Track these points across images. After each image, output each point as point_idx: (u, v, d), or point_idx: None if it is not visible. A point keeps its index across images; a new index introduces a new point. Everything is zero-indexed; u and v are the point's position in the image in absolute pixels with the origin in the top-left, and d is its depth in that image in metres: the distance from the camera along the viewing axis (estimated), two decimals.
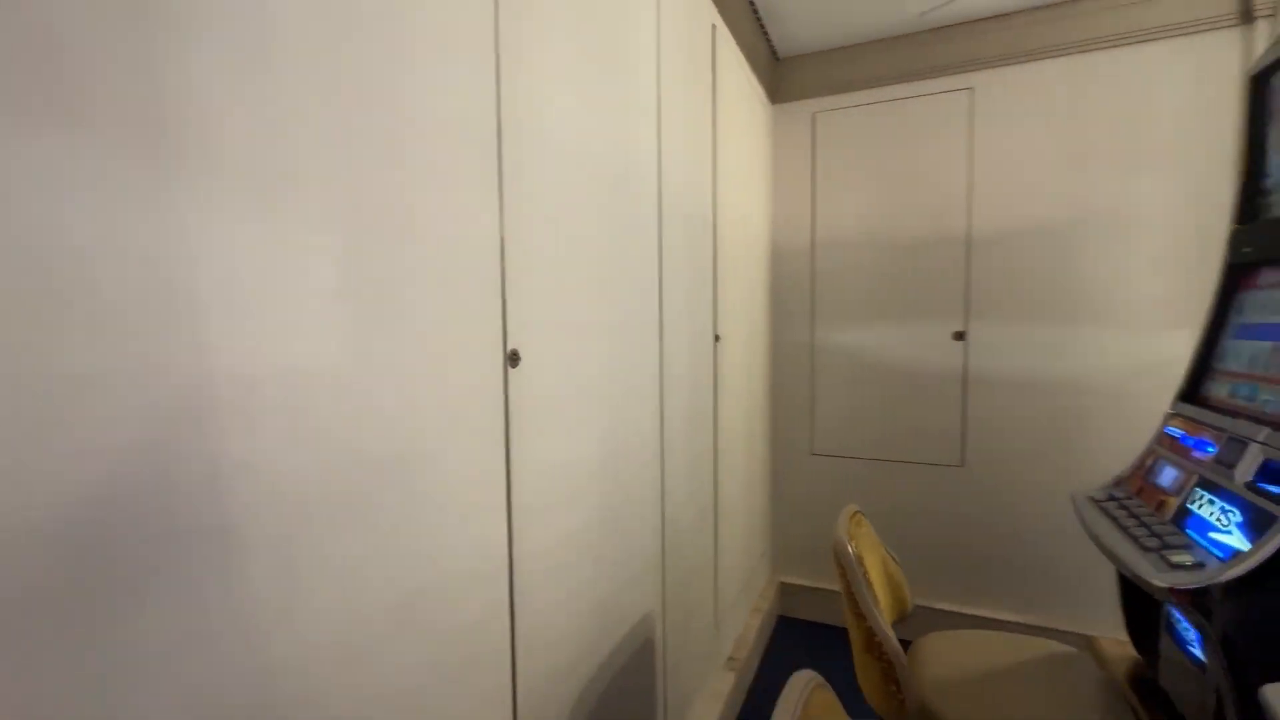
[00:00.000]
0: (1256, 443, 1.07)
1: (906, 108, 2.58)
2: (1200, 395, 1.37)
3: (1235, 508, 1.05)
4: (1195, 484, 1.19)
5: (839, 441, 2.81)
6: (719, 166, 2.04)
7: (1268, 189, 1.28)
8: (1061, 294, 2.39)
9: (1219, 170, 2.17)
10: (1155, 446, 1.41)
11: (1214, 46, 2.17)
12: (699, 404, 1.91)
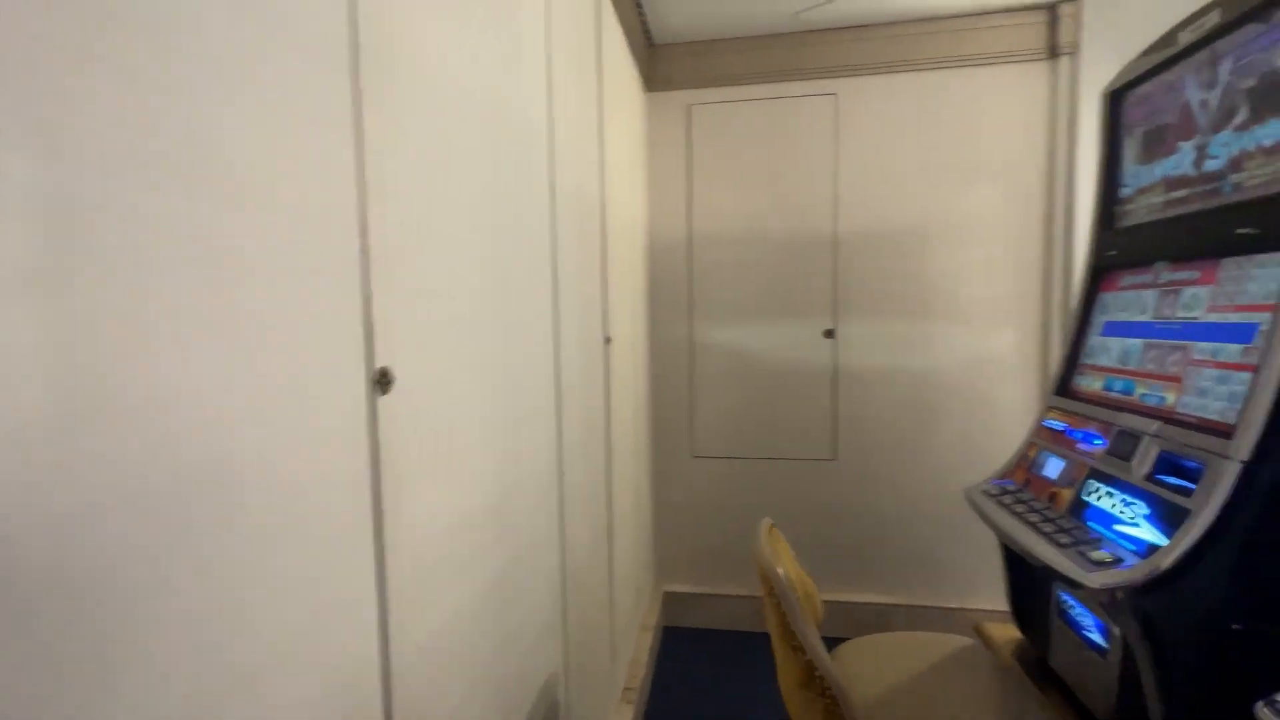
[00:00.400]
0: (1149, 435, 1.13)
1: (778, 107, 2.59)
2: (1072, 388, 1.46)
3: (1139, 500, 1.09)
4: (1087, 476, 1.24)
5: (719, 442, 2.76)
6: (606, 149, 1.83)
7: (1125, 198, 1.39)
8: (917, 293, 2.56)
9: (1035, 184, 2.47)
10: (1035, 439, 1.49)
11: (1029, 75, 2.45)
12: (593, 420, 1.69)
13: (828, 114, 2.57)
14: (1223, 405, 1.02)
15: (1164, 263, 1.25)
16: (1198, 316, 1.13)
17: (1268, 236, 0.99)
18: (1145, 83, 1.31)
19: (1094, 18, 2.32)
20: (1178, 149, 1.22)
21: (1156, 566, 0.96)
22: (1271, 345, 0.93)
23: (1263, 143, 1.02)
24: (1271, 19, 1.01)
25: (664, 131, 2.68)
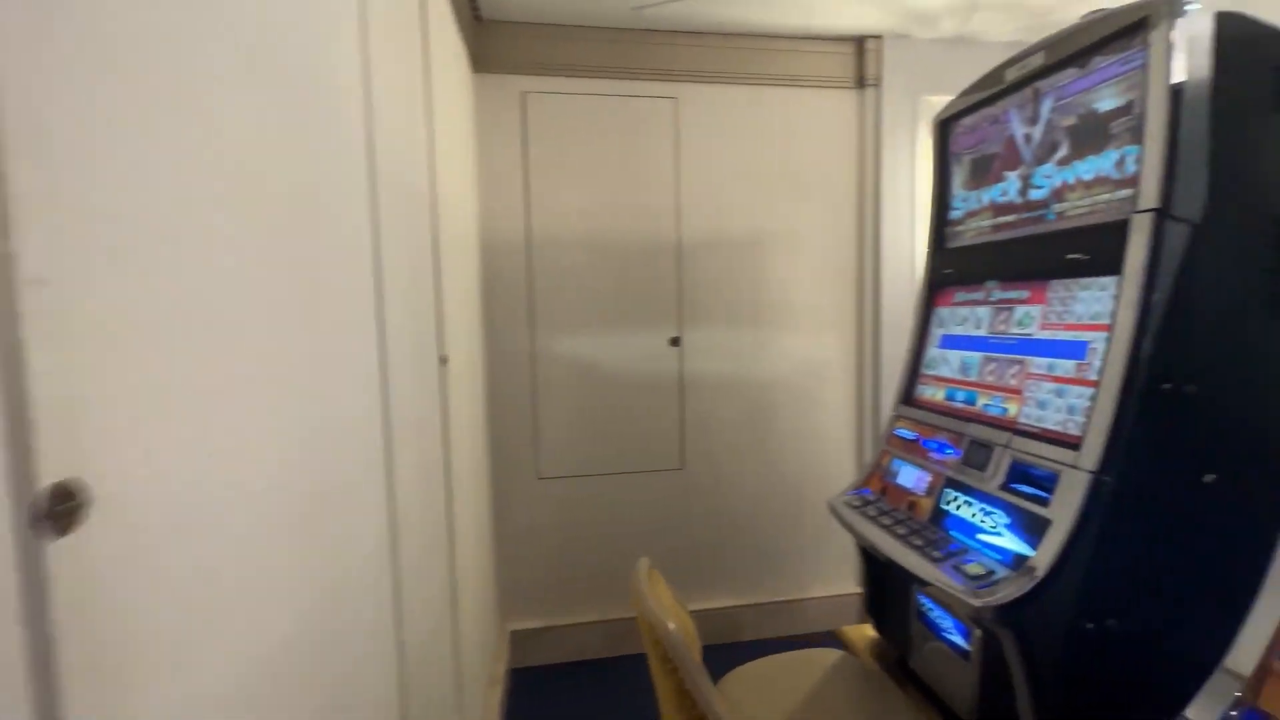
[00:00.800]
0: (1000, 446, 1.20)
1: (620, 106, 2.46)
2: (916, 398, 1.55)
3: (998, 509, 1.15)
4: (944, 485, 1.30)
5: (566, 461, 2.56)
6: (436, 129, 1.51)
7: (955, 220, 1.50)
8: (755, 301, 2.64)
9: (847, 201, 2.69)
10: (888, 447, 1.55)
11: (842, 101, 2.66)
12: (430, 466, 1.37)
13: (668, 117, 2.51)
14: (1062, 417, 1.11)
15: (995, 282, 1.36)
16: (1032, 333, 1.23)
17: (1094, 262, 1.09)
18: (972, 114, 1.42)
19: (892, 55, 2.58)
20: (1004, 177, 1.33)
21: (1034, 578, 0.99)
22: (1108, 364, 1.01)
23: (1083, 177, 1.13)
24: (1090, 65, 1.11)
25: (496, 119, 2.39)
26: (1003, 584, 1.02)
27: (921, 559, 1.17)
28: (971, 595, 1.02)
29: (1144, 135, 0.99)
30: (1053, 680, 1.03)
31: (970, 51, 2.64)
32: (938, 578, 1.10)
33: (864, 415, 2.73)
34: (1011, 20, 2.49)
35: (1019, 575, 1.02)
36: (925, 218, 2.70)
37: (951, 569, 1.11)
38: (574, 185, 2.46)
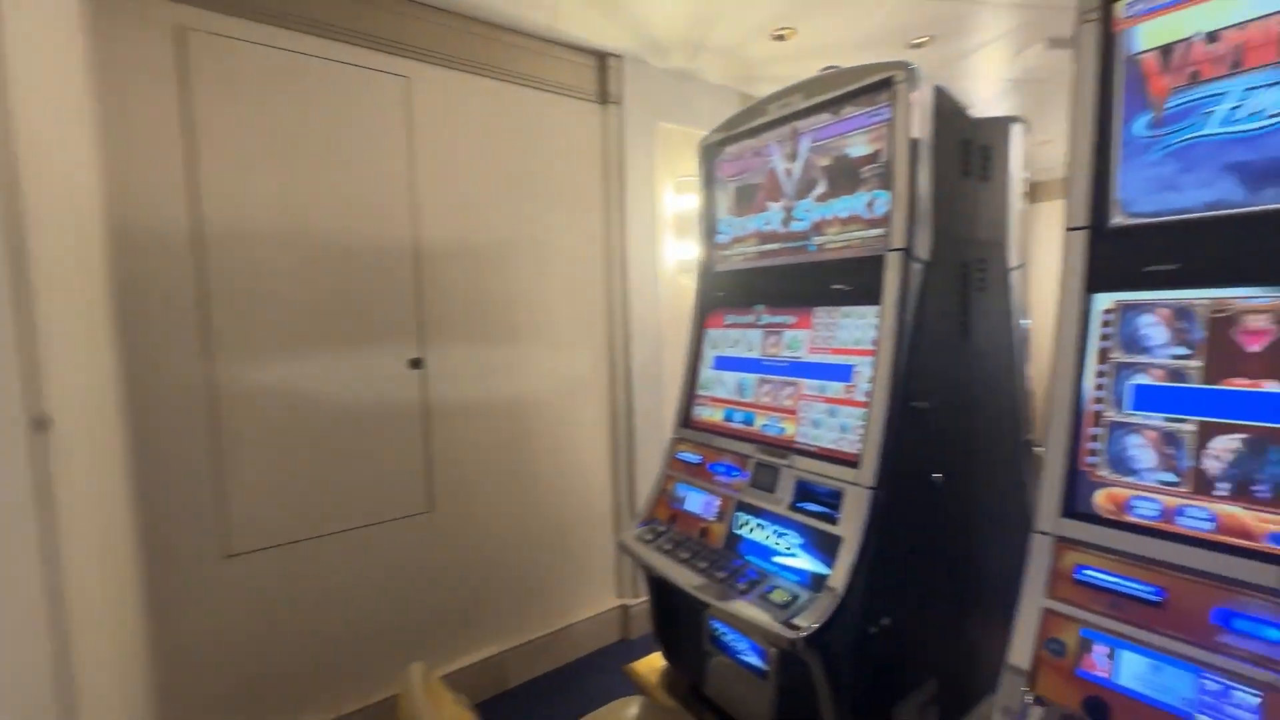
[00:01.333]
0: (785, 467, 1.24)
1: (340, 75, 1.97)
2: (694, 420, 1.55)
3: (790, 530, 1.18)
4: (735, 509, 1.30)
5: (270, 526, 1.95)
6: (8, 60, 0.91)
7: (723, 244, 1.54)
8: (507, 315, 2.41)
9: (593, 216, 2.68)
10: (671, 472, 1.52)
11: (588, 113, 2.63)
12: (22, 624, 0.81)
13: (399, 98, 2.11)
14: (836, 435, 1.20)
15: (763, 306, 1.43)
16: (801, 356, 1.31)
17: (855, 292, 1.20)
18: (735, 143, 1.47)
19: (631, 76, 2.65)
20: (768, 208, 1.40)
21: (836, 597, 1.02)
22: (875, 387, 1.11)
23: (839, 214, 1.24)
24: (841, 113, 1.22)
25: (129, 59, 1.66)
26: (809, 609, 1.04)
27: (728, 594, 1.13)
28: (784, 629, 1.01)
29: (892, 184, 1.12)
30: (849, 684, 1.09)
31: (695, 87, 2.88)
32: (750, 614, 1.07)
33: (618, 431, 2.75)
34: (729, 67, 2.80)
35: (822, 597, 1.04)
36: (666, 235, 2.91)
37: (759, 600, 1.10)
38: (271, 165, 1.87)
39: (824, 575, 1.08)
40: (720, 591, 1.15)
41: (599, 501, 2.74)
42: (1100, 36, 0.84)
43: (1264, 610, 0.66)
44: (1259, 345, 0.73)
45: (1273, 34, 0.72)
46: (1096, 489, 0.83)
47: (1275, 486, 0.70)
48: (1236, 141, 0.75)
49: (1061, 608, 0.80)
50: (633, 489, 2.75)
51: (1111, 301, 0.85)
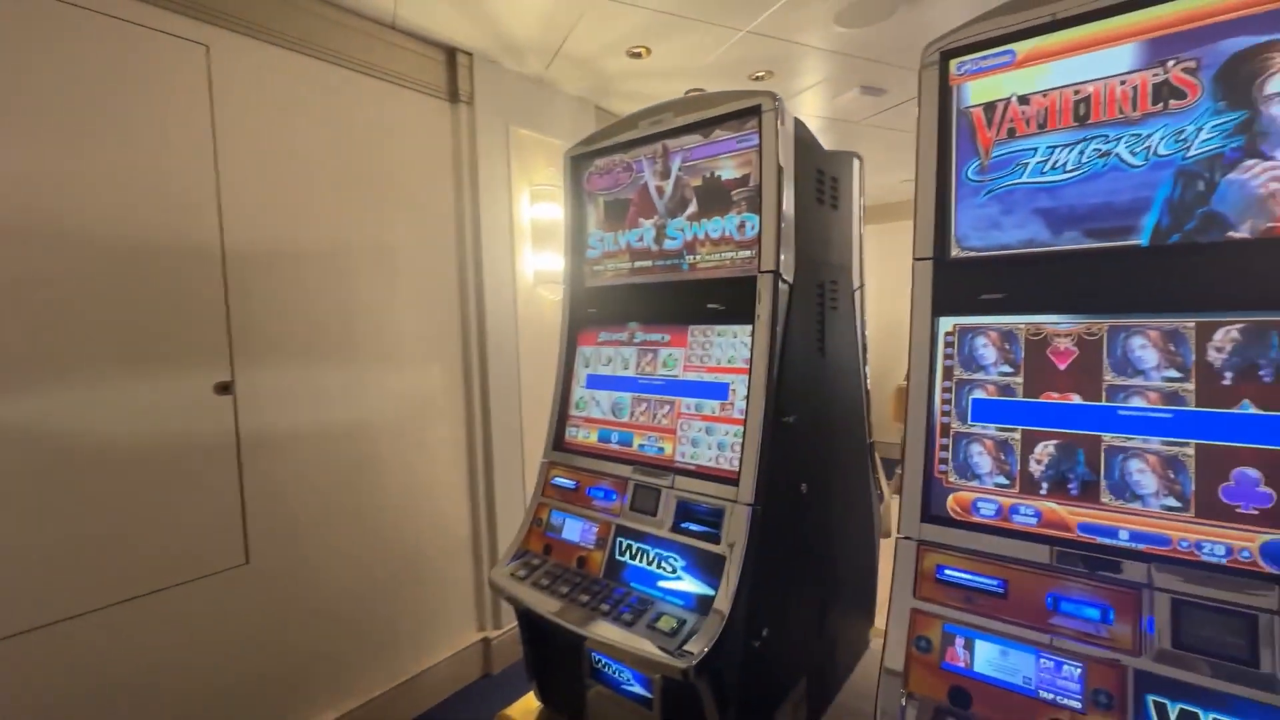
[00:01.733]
0: (666, 488, 1.22)
1: (116, 33, 1.58)
2: (567, 442, 1.47)
3: (673, 552, 1.16)
4: (616, 534, 1.26)
5: (25, 602, 1.50)
6: None
7: (593, 259, 1.49)
8: (343, 329, 2.13)
9: (445, 221, 2.48)
10: (544, 499, 1.43)
11: (437, 111, 2.43)
12: None
13: (196, 71, 1.76)
14: (714, 453, 1.21)
15: (636, 324, 1.41)
16: (677, 374, 1.31)
17: (729, 312, 1.22)
18: (605, 156, 1.43)
19: (484, 77, 2.51)
20: (640, 224, 1.38)
21: (723, 619, 1.02)
22: (751, 404, 1.14)
23: (710, 234, 1.26)
24: (711, 135, 1.24)
25: None
26: (698, 635, 1.02)
27: (615, 627, 1.08)
28: (675, 658, 0.99)
29: (761, 208, 1.16)
30: (735, 700, 1.09)
31: (551, 96, 2.81)
32: (640, 647, 1.03)
33: (475, 452, 2.57)
34: (585, 78, 2.78)
35: (710, 620, 1.04)
36: (524, 245, 2.79)
37: (647, 631, 1.06)
38: (16, 126, 1.44)
39: (709, 596, 1.08)
40: (606, 626, 1.10)
41: (455, 529, 2.53)
42: (939, 87, 0.95)
43: (1082, 592, 0.78)
44: (1065, 364, 0.86)
45: (1068, 102, 0.86)
46: (948, 494, 0.92)
47: (1082, 484, 0.83)
48: (1042, 190, 0.88)
49: (926, 607, 0.88)
50: (492, 513, 2.58)
51: (951, 325, 0.96)
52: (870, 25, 2.34)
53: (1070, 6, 0.85)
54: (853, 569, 1.54)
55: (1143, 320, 0.82)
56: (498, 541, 2.57)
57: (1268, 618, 0.67)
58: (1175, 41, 0.78)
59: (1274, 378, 0.73)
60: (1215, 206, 0.77)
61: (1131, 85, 0.81)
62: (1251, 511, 0.72)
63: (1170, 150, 0.79)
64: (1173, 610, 0.72)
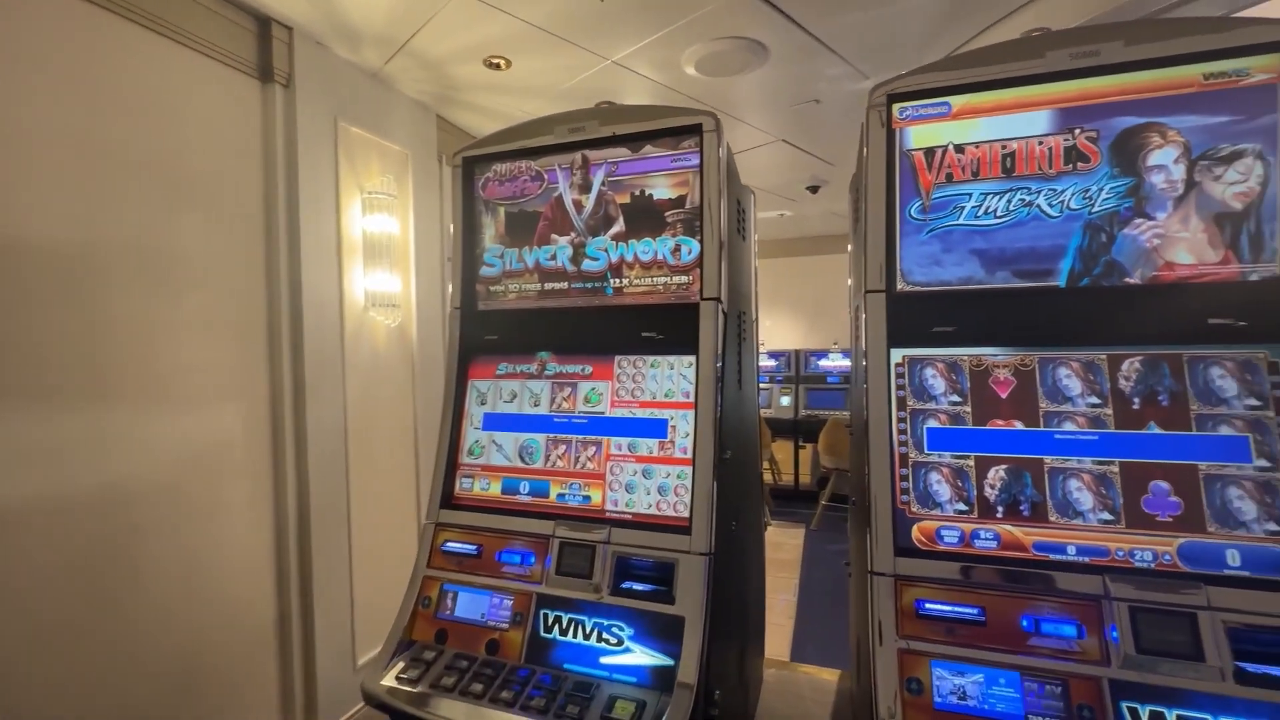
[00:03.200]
0: (599, 543, 1.05)
1: None
2: (459, 497, 1.21)
3: (617, 620, 0.99)
4: (537, 606, 1.04)
5: None
6: None
7: (491, 278, 1.27)
8: (94, 360, 1.54)
9: (250, 225, 1.99)
10: (432, 572, 1.14)
11: (242, 89, 1.96)
12: None
13: None
14: (655, 499, 1.08)
15: (549, 354, 1.22)
16: (604, 411, 1.15)
17: (668, 341, 1.11)
18: (508, 161, 1.24)
19: (308, 59, 2.10)
20: (553, 241, 1.22)
21: (691, 691, 0.89)
22: (699, 442, 1.04)
23: (640, 256, 1.15)
24: (641, 151, 1.15)
25: None
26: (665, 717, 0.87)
27: None
28: None
29: (703, 232, 1.09)
30: None
31: (389, 95, 2.46)
32: None
33: (285, 514, 2.04)
34: (432, 83, 2.49)
35: (677, 698, 0.89)
36: (355, 261, 2.35)
37: None
38: None
39: (668, 668, 0.93)
40: None
41: (255, 614, 1.96)
42: (886, 129, 0.98)
43: (1054, 611, 0.82)
44: (1006, 393, 0.93)
45: (996, 155, 0.95)
46: (913, 524, 0.92)
47: (1032, 505, 0.89)
48: (977, 232, 0.96)
49: (912, 645, 0.85)
50: (307, 590, 2.06)
51: (900, 356, 0.98)
52: (724, 76, 2.49)
53: (995, 71, 0.94)
54: (757, 604, 1.51)
55: (1066, 353, 0.92)
56: (314, 628, 2.05)
57: (1205, 614, 0.77)
58: (1080, 113, 0.91)
59: (1170, 402, 0.86)
60: (1115, 256, 0.90)
61: (1048, 146, 0.92)
62: (1167, 519, 0.83)
63: (1079, 205, 0.91)
64: (1131, 618, 0.79)
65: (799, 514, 4.68)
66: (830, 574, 3.57)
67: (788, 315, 5.95)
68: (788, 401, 5.32)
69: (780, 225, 5.33)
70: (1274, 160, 0.83)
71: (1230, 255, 0.85)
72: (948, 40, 2.21)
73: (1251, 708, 0.72)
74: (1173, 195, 0.87)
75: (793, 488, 5.19)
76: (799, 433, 5.09)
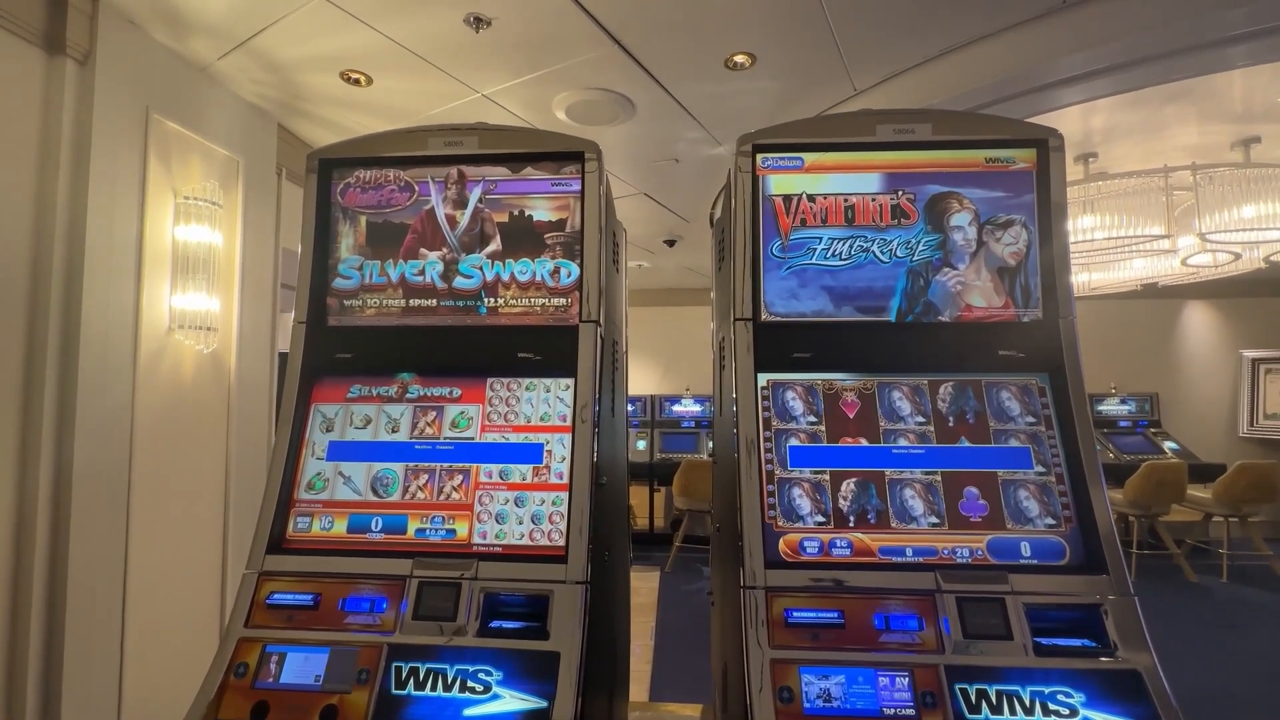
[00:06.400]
0: (465, 579, 0.96)
1: None
2: (292, 539, 1.03)
3: (484, 664, 0.90)
4: (388, 659, 0.91)
5: None
6: None
7: (346, 290, 1.14)
8: None
9: (18, 227, 1.61)
10: (250, 631, 0.95)
11: (21, 57, 1.62)
12: None
13: None
14: (528, 528, 1.02)
15: (411, 374, 1.12)
16: (474, 437, 1.07)
17: (545, 363, 1.08)
18: (373, 168, 1.15)
19: (114, 38, 1.80)
20: (423, 255, 1.14)
21: None
22: (576, 468, 1.01)
23: (519, 276, 1.12)
24: (521, 172, 1.14)
25: None
26: None
27: None
28: None
29: (584, 256, 1.10)
30: None
31: (219, 94, 2.19)
32: None
33: (27, 583, 1.59)
34: (272, 87, 2.26)
35: None
36: (164, 275, 1.97)
37: None
38: None
39: (541, 710, 0.86)
40: None
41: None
42: (752, 174, 1.09)
43: (899, 608, 0.91)
44: (853, 413, 1.04)
45: (840, 206, 1.09)
46: (779, 538, 0.98)
47: (877, 513, 0.99)
48: (826, 271, 1.08)
49: (782, 654, 0.88)
50: (55, 676, 1.59)
51: (765, 380, 1.06)
52: (594, 125, 2.60)
53: (837, 136, 1.10)
54: (624, 644, 1.48)
55: (898, 378, 1.05)
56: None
57: (1010, 598, 0.90)
58: (902, 178, 1.09)
59: (975, 420, 1.02)
60: (930, 298, 1.07)
61: (879, 203, 1.09)
62: (979, 520, 0.98)
63: (904, 254, 1.08)
64: (958, 608, 0.90)
65: (654, 557, 4.72)
66: (686, 614, 3.62)
67: (644, 362, 6.16)
68: (643, 445, 5.43)
69: (639, 276, 5.58)
70: (1034, 229, 1.07)
71: (1010, 301, 1.06)
72: (791, 119, 2.56)
73: (1047, 675, 0.85)
74: (969, 250, 1.07)
75: (648, 531, 5.24)
76: (654, 476, 5.19)
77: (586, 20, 1.90)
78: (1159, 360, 5.38)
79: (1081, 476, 0.97)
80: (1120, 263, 3.62)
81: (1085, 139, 2.79)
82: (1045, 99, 2.16)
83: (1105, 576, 0.91)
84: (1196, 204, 2.76)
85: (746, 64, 2.15)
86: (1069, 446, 0.99)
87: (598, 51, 2.08)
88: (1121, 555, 0.92)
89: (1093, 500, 0.95)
